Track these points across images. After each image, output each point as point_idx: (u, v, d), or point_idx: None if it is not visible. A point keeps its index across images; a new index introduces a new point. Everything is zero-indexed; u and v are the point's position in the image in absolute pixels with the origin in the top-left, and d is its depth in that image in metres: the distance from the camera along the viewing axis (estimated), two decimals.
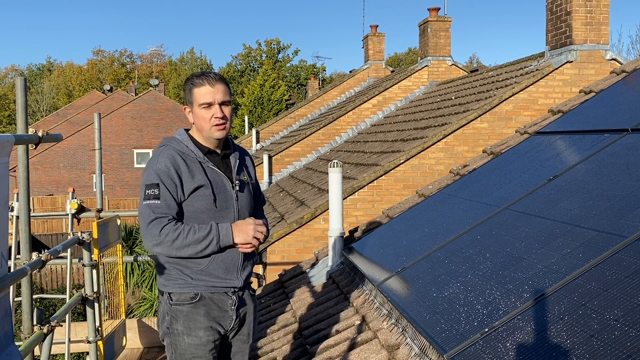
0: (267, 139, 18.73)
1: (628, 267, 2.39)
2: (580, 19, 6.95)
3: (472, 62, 56.90)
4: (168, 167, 2.45)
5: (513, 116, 7.46)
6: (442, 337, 2.59)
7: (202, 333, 2.50)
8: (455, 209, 4.37)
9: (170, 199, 2.43)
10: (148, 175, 2.46)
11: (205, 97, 2.48)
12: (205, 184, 2.48)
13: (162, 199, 2.42)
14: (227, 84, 2.55)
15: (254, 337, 2.74)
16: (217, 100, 2.48)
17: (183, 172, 2.46)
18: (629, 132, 3.90)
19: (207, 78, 2.49)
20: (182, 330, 2.51)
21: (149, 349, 9.00)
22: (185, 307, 2.50)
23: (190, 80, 2.53)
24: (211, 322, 2.52)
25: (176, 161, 2.46)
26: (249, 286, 2.68)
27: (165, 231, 2.38)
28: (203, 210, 2.48)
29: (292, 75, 52.87)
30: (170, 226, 2.39)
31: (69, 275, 4.96)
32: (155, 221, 2.40)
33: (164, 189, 2.42)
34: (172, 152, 2.49)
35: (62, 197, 27.29)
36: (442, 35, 12.45)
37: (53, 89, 58.66)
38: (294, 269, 5.59)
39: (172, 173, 2.44)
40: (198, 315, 2.50)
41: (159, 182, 2.42)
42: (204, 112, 2.49)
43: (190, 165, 2.48)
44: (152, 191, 2.42)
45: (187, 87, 2.55)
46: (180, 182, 2.45)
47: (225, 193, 2.54)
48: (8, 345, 1.70)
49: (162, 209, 2.41)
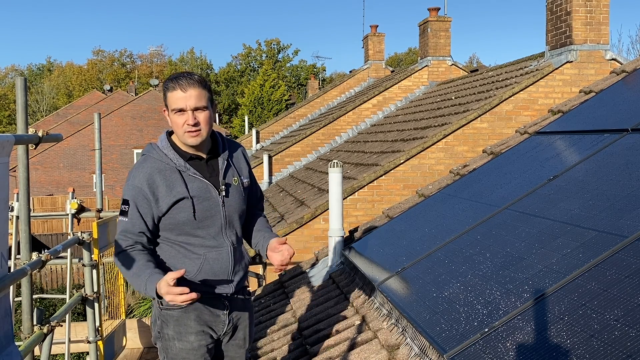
0: (267, 139, 18.74)
1: (628, 267, 2.39)
2: (580, 19, 6.95)
3: (472, 62, 56.91)
4: (142, 184, 2.40)
5: (513, 116, 7.46)
6: (442, 337, 2.59)
7: (193, 338, 2.46)
8: (455, 209, 4.37)
9: (137, 218, 2.41)
10: (125, 189, 2.46)
11: (177, 103, 2.37)
12: (185, 195, 2.40)
13: (129, 217, 2.42)
14: (206, 86, 2.42)
15: (250, 341, 2.69)
16: (189, 107, 2.36)
17: (159, 186, 2.40)
18: (629, 132, 3.90)
19: (179, 83, 2.36)
20: (173, 335, 2.47)
21: (149, 349, 9.00)
22: (176, 311, 2.46)
23: (165, 84, 2.43)
24: (202, 326, 2.48)
25: (152, 177, 2.40)
26: (243, 290, 2.62)
27: (120, 256, 2.42)
28: (185, 222, 2.43)
29: (292, 75, 52.87)
30: (125, 253, 2.40)
31: (69, 275, 4.97)
32: (120, 238, 2.43)
33: (132, 208, 2.41)
34: (149, 167, 2.43)
35: (62, 197, 27.31)
36: (442, 35, 12.46)
37: (53, 89, 58.66)
38: (294, 269, 5.59)
39: (146, 191, 2.40)
40: (189, 320, 2.46)
41: (129, 199, 2.42)
42: (177, 118, 2.39)
43: (169, 176, 2.41)
44: (124, 207, 2.44)
45: (163, 90, 2.44)
46: (155, 198, 2.40)
47: (210, 201, 2.46)
48: (8, 345, 1.70)
49: (127, 227, 2.42)
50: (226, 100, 51.14)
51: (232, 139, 2.79)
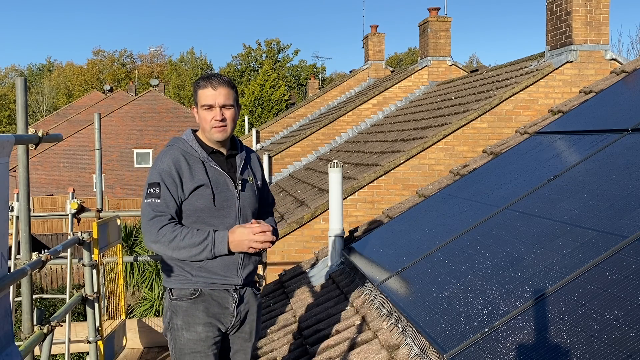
0: (267, 139, 18.74)
1: (628, 267, 2.39)
2: (580, 19, 6.95)
3: (472, 62, 56.91)
4: (170, 167, 2.55)
5: (513, 116, 7.46)
6: (442, 337, 2.59)
7: (201, 329, 2.55)
8: (455, 209, 4.37)
9: (170, 199, 2.53)
10: (151, 175, 2.58)
11: (207, 100, 2.58)
12: (206, 182, 2.56)
13: (162, 198, 2.52)
14: (233, 87, 2.64)
15: (256, 336, 2.75)
16: (218, 104, 2.58)
17: (184, 171, 2.55)
18: (629, 132, 3.90)
19: (210, 81, 2.59)
20: (181, 325, 2.57)
21: (149, 349, 9.00)
22: (185, 302, 2.57)
23: (197, 82, 2.65)
24: (210, 318, 2.57)
25: (179, 161, 2.56)
26: (252, 284, 2.71)
27: (163, 231, 2.48)
28: (203, 208, 2.56)
29: (292, 75, 52.88)
30: (169, 227, 2.49)
31: (69, 275, 4.97)
32: (155, 219, 2.50)
33: (164, 188, 2.53)
34: (175, 152, 2.59)
35: (62, 197, 27.30)
36: (442, 35, 12.45)
37: (53, 89, 58.66)
38: (294, 269, 5.59)
39: (174, 173, 2.54)
40: (197, 311, 2.56)
41: (159, 182, 2.53)
42: (206, 114, 2.59)
43: (192, 164, 2.58)
44: (154, 190, 2.53)
45: (194, 89, 2.66)
46: (180, 182, 2.55)
47: (227, 192, 2.60)
48: (8, 345, 1.70)
49: (161, 208, 2.51)
50: None
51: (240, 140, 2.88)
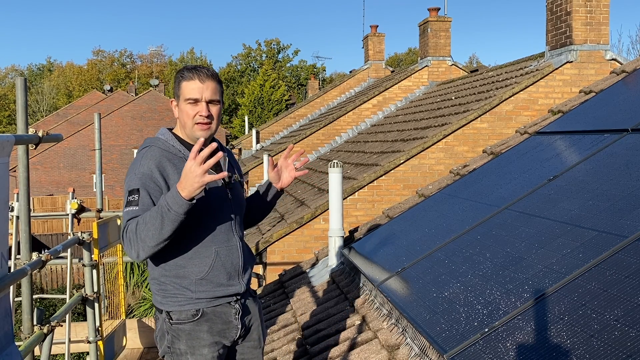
0: (267, 139, 18.74)
1: (628, 267, 2.39)
2: (580, 19, 6.95)
3: (472, 62, 56.92)
4: (151, 169, 2.30)
5: (513, 116, 7.46)
6: (442, 337, 2.59)
7: (207, 351, 2.37)
8: (455, 209, 4.37)
9: (150, 204, 2.27)
10: (130, 180, 2.32)
11: (192, 93, 2.33)
12: None
13: (140, 205, 2.27)
14: (220, 82, 2.41)
15: (264, 340, 2.63)
16: (205, 98, 2.34)
17: (169, 173, 2.32)
18: (629, 132, 3.89)
19: (197, 73, 2.34)
20: (185, 350, 2.37)
21: (149, 349, 9.00)
22: (188, 325, 2.36)
23: (181, 73, 2.39)
24: (215, 337, 2.39)
25: (161, 162, 2.32)
26: (249, 289, 2.59)
27: (129, 233, 2.24)
28: (197, 208, 2.32)
29: (292, 76, 52.90)
30: (131, 223, 2.24)
31: (69, 275, 4.97)
32: (130, 226, 2.26)
33: (144, 194, 2.28)
34: (156, 153, 2.35)
35: (62, 197, 27.30)
36: (442, 35, 12.46)
37: (53, 89, 58.66)
38: (294, 269, 5.59)
39: (156, 176, 2.30)
40: (201, 332, 2.37)
41: (139, 187, 2.28)
42: (189, 108, 2.34)
43: (177, 164, 2.34)
44: (133, 197, 2.28)
45: (176, 79, 2.40)
46: (166, 184, 2.31)
47: (218, 191, 2.42)
48: (8, 345, 1.70)
49: (138, 214, 2.26)
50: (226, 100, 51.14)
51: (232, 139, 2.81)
